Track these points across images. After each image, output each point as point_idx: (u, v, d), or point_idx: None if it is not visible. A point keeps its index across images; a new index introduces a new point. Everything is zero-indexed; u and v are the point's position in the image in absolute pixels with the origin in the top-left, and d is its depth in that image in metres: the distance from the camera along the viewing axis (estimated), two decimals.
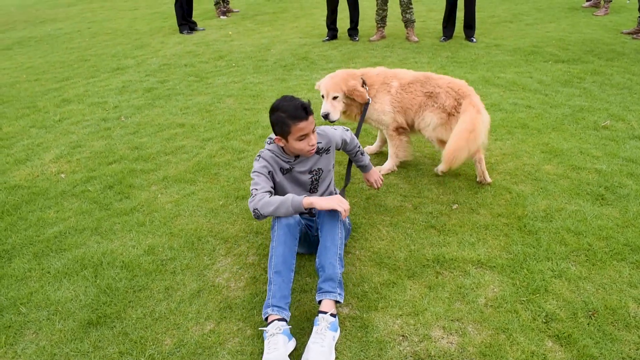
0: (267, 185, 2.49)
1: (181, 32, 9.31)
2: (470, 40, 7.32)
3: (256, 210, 2.39)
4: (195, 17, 9.85)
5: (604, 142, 3.94)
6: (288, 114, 2.40)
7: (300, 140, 2.45)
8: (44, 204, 3.57)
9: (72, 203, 3.56)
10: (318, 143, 2.59)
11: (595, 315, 2.30)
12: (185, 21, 9.34)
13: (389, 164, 3.68)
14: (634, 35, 7.08)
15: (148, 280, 2.71)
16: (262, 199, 2.39)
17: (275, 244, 2.41)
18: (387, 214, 3.19)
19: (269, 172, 2.55)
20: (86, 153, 4.37)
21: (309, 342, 2.17)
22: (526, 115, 4.56)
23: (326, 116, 3.39)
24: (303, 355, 2.14)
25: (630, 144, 3.90)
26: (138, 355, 2.23)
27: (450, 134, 3.20)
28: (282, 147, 2.57)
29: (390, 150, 3.66)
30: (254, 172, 2.53)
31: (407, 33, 7.69)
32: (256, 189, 2.45)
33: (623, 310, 2.32)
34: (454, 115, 3.27)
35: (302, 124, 2.40)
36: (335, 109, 3.42)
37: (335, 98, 3.40)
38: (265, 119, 2.49)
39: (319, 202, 2.35)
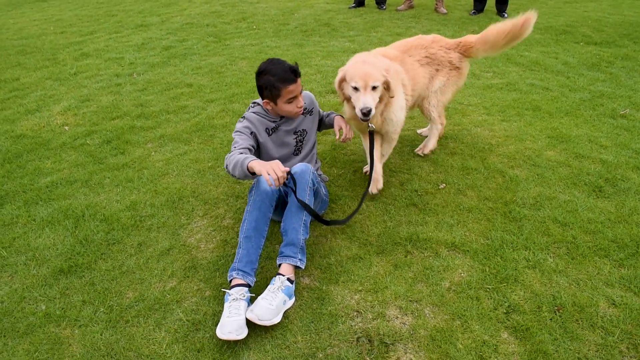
0: (246, 142, 2.46)
1: None
2: (501, 15, 6.97)
3: (227, 167, 2.37)
4: None
5: (617, 132, 3.71)
6: (277, 77, 2.38)
7: (290, 102, 2.46)
8: (44, 154, 3.68)
9: (70, 155, 3.65)
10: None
11: (560, 310, 2.20)
12: None
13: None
14: None
15: (124, 235, 2.77)
16: (232, 155, 2.35)
17: (250, 208, 2.39)
18: None
19: (252, 132, 2.53)
20: (93, 107, 4.45)
21: (258, 298, 2.16)
22: (541, 97, 4.34)
23: (368, 112, 2.53)
24: (249, 308, 2.13)
25: None
26: (99, 305, 2.30)
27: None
28: (266, 110, 2.54)
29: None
30: (236, 131, 2.52)
31: (436, 4, 7.38)
32: (234, 147, 2.44)
33: (592, 309, 2.20)
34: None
35: (292, 87, 2.41)
36: (375, 102, 2.61)
37: (374, 88, 2.57)
38: None
39: (257, 166, 2.20)
